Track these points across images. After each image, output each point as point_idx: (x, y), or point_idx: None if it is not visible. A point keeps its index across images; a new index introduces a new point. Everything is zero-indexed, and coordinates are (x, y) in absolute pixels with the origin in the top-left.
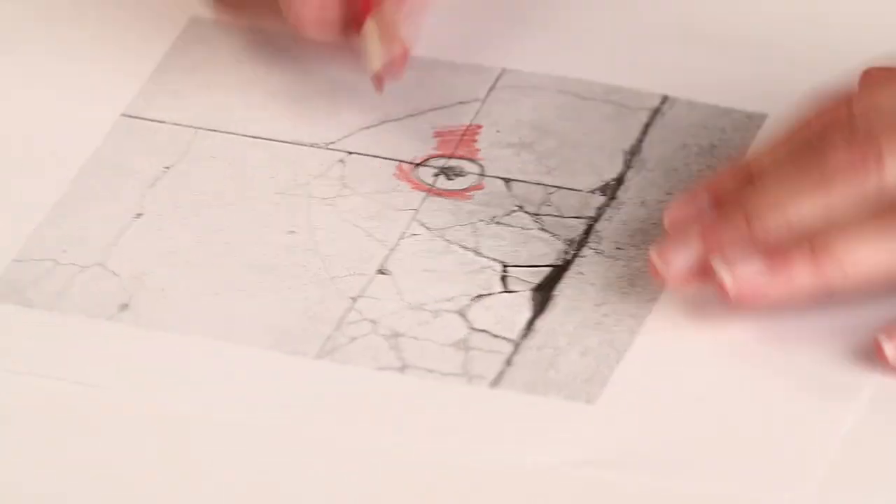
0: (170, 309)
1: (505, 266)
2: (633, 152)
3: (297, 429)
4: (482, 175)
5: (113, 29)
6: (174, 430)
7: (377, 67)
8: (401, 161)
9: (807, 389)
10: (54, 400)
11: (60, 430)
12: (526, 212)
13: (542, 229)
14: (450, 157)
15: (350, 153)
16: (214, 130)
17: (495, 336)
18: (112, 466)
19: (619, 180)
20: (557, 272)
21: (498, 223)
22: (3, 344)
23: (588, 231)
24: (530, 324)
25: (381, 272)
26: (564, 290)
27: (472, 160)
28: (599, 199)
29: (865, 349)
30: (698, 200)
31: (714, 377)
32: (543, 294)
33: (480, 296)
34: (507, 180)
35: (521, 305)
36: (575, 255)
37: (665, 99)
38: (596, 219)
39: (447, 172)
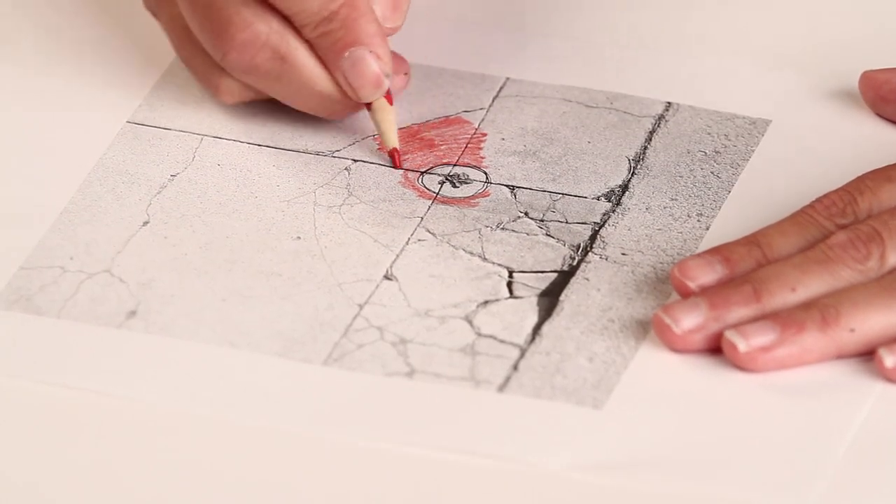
0: (177, 316)
1: (511, 272)
2: (638, 159)
3: (305, 435)
4: (487, 182)
5: (119, 37)
6: (182, 437)
7: (395, 144)
8: (406, 169)
9: (811, 396)
10: (62, 407)
11: (68, 437)
12: (531, 218)
13: (548, 235)
14: (455, 164)
15: (355, 161)
16: (220, 138)
17: (502, 341)
18: (120, 473)
19: (624, 187)
20: (563, 278)
21: (503, 229)
22: (10, 351)
23: (593, 237)
24: (537, 329)
25: (387, 278)
26: (570, 296)
27: (477, 168)
28: (605, 206)
29: (868, 357)
30: (709, 261)
31: (720, 383)
32: (549, 300)
33: (487, 301)
34: (512, 188)
35: (528, 311)
36: (581, 261)
37: (669, 106)
38: (601, 225)
39: (452, 180)
